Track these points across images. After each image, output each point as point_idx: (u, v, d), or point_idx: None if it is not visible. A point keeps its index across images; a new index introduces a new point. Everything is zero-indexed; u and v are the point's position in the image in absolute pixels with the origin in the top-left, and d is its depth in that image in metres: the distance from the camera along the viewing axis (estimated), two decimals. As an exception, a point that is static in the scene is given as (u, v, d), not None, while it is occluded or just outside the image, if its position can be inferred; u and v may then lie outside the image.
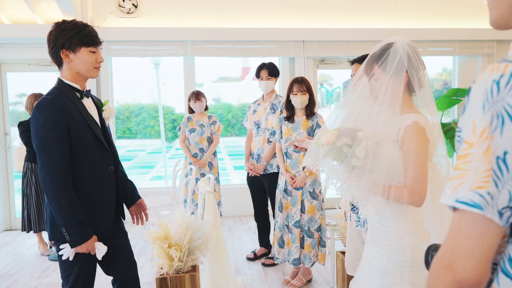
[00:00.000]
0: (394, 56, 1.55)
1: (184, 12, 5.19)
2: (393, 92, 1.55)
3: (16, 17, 4.91)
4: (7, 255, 4.19)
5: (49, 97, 1.86)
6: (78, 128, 1.86)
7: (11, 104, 5.31)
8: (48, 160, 1.81)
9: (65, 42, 1.86)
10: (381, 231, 1.59)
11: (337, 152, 1.53)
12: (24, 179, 4.10)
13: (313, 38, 5.31)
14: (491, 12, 0.79)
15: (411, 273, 1.52)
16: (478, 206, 0.64)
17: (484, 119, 0.66)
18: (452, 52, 5.67)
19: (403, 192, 1.49)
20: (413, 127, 1.50)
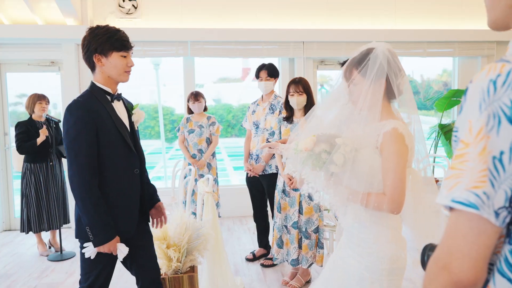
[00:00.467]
0: (374, 62, 1.53)
1: (183, 13, 5.20)
2: (372, 98, 1.53)
3: (16, 17, 4.91)
4: (6, 255, 4.18)
5: (80, 99, 1.94)
6: (106, 130, 1.91)
7: (11, 105, 5.31)
8: (76, 160, 1.86)
9: (97, 47, 1.93)
10: (360, 238, 1.57)
11: (316, 159, 1.51)
12: (23, 179, 4.10)
13: (313, 39, 5.31)
14: (489, 13, 0.79)
15: (390, 282, 1.52)
16: (474, 206, 0.64)
17: (481, 119, 0.66)
18: (452, 53, 5.67)
19: (383, 200, 1.47)
20: (392, 134, 1.48)
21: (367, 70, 1.53)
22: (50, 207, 4.13)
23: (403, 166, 1.47)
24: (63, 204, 4.23)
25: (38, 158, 4.08)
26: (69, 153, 1.88)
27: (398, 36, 5.43)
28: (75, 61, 5.01)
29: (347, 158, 1.49)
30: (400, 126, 1.50)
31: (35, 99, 4.13)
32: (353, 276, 1.55)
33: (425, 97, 8.90)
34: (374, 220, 1.54)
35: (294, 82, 3.25)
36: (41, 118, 4.15)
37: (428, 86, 9.18)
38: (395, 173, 1.46)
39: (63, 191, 4.27)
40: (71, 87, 5.01)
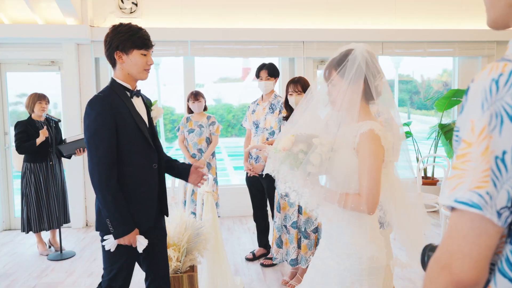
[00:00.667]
0: (352, 63, 1.54)
1: (184, 12, 5.19)
2: (350, 98, 1.55)
3: (16, 17, 4.91)
4: (6, 255, 4.18)
5: (100, 94, 1.98)
6: (126, 125, 1.95)
7: (11, 104, 5.31)
8: (96, 154, 1.90)
9: (119, 44, 1.96)
10: (338, 239, 1.57)
11: (293, 159, 1.51)
12: (23, 179, 4.09)
13: (313, 39, 5.31)
14: (489, 12, 0.79)
15: (370, 281, 1.53)
16: (477, 206, 0.63)
17: (483, 118, 0.66)
18: (452, 53, 5.67)
19: (359, 200, 1.48)
20: (369, 135, 1.49)
21: (345, 71, 1.54)
22: (50, 207, 4.13)
23: (378, 167, 1.48)
24: (63, 204, 4.23)
25: (38, 158, 4.08)
26: (89, 147, 1.93)
27: (398, 36, 5.42)
28: (75, 61, 5.01)
29: (323, 158, 1.50)
30: (377, 127, 1.51)
31: (35, 98, 4.12)
32: (334, 277, 1.56)
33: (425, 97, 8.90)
34: (351, 221, 1.55)
35: (293, 81, 3.26)
36: (40, 117, 4.15)
37: (428, 86, 9.18)
38: (370, 174, 1.47)
39: (63, 191, 4.27)
40: (71, 86, 5.01)
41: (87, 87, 5.11)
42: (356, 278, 1.52)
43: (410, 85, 9.94)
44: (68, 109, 5.03)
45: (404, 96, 9.97)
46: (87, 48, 5.07)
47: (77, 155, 4.06)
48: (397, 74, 7.39)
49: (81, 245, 4.44)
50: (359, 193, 1.49)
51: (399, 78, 7.86)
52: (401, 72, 7.76)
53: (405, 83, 9.71)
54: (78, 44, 5.04)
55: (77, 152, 4.01)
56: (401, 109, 10.12)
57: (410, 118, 10.03)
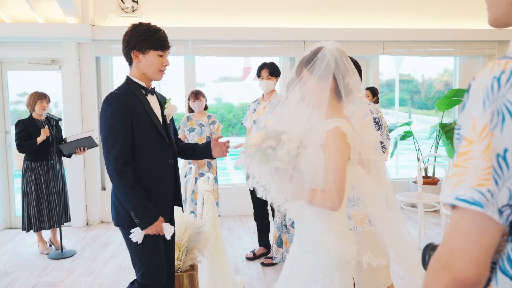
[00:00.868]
0: (322, 61, 1.56)
1: (184, 12, 5.19)
2: (320, 96, 1.57)
3: (17, 16, 4.91)
4: (6, 254, 4.18)
5: (116, 91, 2.01)
6: (141, 122, 1.98)
7: (12, 103, 5.31)
8: (112, 150, 1.93)
9: (137, 43, 1.99)
10: (307, 236, 1.59)
11: (262, 154, 1.54)
12: (24, 178, 4.09)
13: (314, 38, 5.29)
14: (490, 10, 0.78)
15: (339, 275, 1.55)
16: (479, 204, 0.63)
17: (485, 116, 0.65)
18: (453, 53, 5.66)
19: (325, 197, 1.50)
20: (334, 132, 1.50)
21: (314, 68, 1.56)
22: (50, 206, 4.13)
23: (342, 164, 1.50)
24: (63, 203, 4.23)
25: (38, 157, 4.08)
26: (105, 143, 1.95)
27: (399, 35, 5.42)
28: (76, 60, 5.01)
29: (292, 155, 1.51)
30: (343, 125, 1.52)
31: (36, 97, 4.12)
32: (307, 274, 1.58)
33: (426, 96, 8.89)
34: (319, 217, 1.57)
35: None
36: (41, 116, 4.15)
37: (430, 86, 9.17)
38: (335, 171, 1.49)
39: (64, 190, 4.27)
40: (72, 85, 5.01)
41: (88, 86, 5.11)
42: (326, 273, 1.54)
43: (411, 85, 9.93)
44: (69, 108, 5.03)
45: (405, 96, 9.96)
46: (88, 47, 5.07)
47: (77, 154, 4.06)
48: (398, 73, 7.38)
49: (82, 244, 4.45)
50: (324, 190, 1.52)
51: (400, 77, 7.85)
52: (402, 72, 7.74)
53: (406, 82, 9.70)
54: (78, 43, 5.04)
55: (77, 151, 4.01)
56: (402, 108, 10.11)
57: (411, 117, 10.02)
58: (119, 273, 3.64)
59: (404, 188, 5.74)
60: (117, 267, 3.77)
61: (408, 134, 5.69)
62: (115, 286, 3.38)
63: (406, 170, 7.39)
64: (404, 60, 6.89)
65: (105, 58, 5.24)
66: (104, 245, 4.38)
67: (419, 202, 4.19)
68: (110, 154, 1.93)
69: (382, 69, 5.93)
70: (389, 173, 1.79)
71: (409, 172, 7.07)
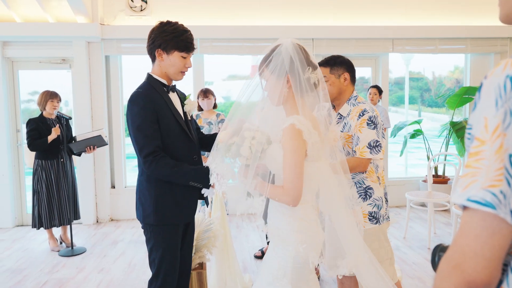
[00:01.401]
0: (276, 59, 1.58)
1: (193, 10, 5.20)
2: (280, 93, 1.58)
3: (27, 15, 4.96)
4: (18, 251, 4.24)
5: (141, 90, 1.99)
6: (166, 119, 1.97)
7: (23, 102, 5.38)
8: (143, 147, 1.92)
9: (162, 42, 1.97)
10: (273, 229, 1.62)
11: (227, 150, 1.56)
12: (34, 176, 4.14)
13: (322, 36, 5.28)
14: (502, 6, 0.77)
15: (293, 270, 1.56)
16: (491, 205, 0.62)
17: (497, 116, 0.64)
18: (464, 50, 5.59)
19: (283, 193, 1.52)
20: (289, 129, 1.51)
21: (271, 66, 1.58)
22: (61, 203, 4.18)
23: (298, 160, 1.51)
24: (73, 200, 4.28)
25: (49, 155, 4.13)
26: (136, 142, 1.93)
27: (408, 33, 5.36)
28: (86, 58, 5.05)
29: (253, 151, 1.53)
30: (299, 122, 1.52)
31: (47, 97, 4.17)
32: (272, 267, 1.59)
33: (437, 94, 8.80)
34: (282, 211, 1.59)
35: None
36: (52, 115, 4.20)
37: (440, 83, 9.07)
38: (290, 168, 1.50)
39: (74, 188, 4.32)
40: (81, 84, 5.05)
41: (98, 85, 5.15)
42: (282, 264, 1.56)
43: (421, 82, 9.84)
44: (79, 106, 5.07)
45: (415, 94, 9.87)
46: (97, 46, 5.11)
47: (87, 153, 4.10)
48: (408, 71, 7.31)
49: (92, 241, 4.49)
50: (283, 186, 1.54)
51: (410, 75, 7.78)
52: (412, 69, 7.68)
53: (416, 80, 9.61)
54: (88, 42, 5.08)
55: (87, 150, 4.05)
56: (412, 106, 10.02)
57: (421, 115, 9.94)
58: (129, 270, 3.67)
59: (414, 187, 5.69)
60: (126, 265, 3.80)
61: (418, 133, 5.64)
62: (124, 283, 3.41)
63: (416, 169, 7.33)
64: (414, 58, 6.83)
65: (114, 56, 5.27)
66: (114, 243, 4.42)
67: (429, 201, 4.15)
68: (142, 152, 1.92)
69: (391, 66, 5.88)
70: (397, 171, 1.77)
71: (419, 170, 7.02)
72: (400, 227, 4.68)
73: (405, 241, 4.29)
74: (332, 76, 2.20)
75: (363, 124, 2.10)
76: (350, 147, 2.17)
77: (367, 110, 2.13)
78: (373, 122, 2.10)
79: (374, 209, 2.17)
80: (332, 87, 2.20)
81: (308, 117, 1.57)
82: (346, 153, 2.19)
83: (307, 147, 1.53)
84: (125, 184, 5.40)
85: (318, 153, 1.58)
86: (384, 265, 2.17)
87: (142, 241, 4.33)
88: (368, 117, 2.10)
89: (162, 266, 2.02)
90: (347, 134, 2.16)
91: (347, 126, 2.17)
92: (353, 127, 2.13)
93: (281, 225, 1.59)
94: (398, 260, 3.70)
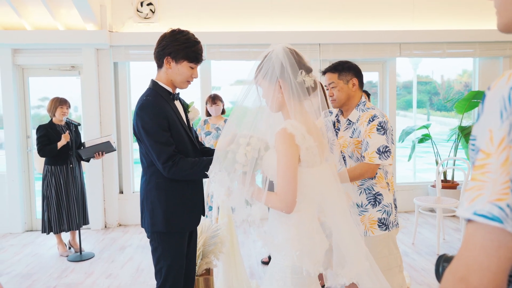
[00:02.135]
0: (267, 65, 1.56)
1: (200, 17, 5.24)
2: (272, 99, 1.56)
3: (38, 23, 5.04)
4: (27, 256, 4.29)
5: (149, 98, 1.97)
6: (174, 126, 1.98)
7: (33, 108, 5.46)
8: (160, 154, 1.91)
9: (173, 51, 1.96)
10: (271, 237, 1.59)
11: (224, 158, 1.55)
12: (44, 181, 4.19)
13: (329, 41, 5.28)
14: (501, 15, 0.76)
15: (293, 280, 1.52)
16: (498, 219, 0.61)
17: (503, 128, 0.64)
18: (472, 54, 5.55)
19: (277, 199, 1.49)
20: (281, 134, 1.49)
21: (263, 72, 1.57)
22: (70, 209, 4.22)
23: (290, 165, 1.48)
24: (82, 206, 4.32)
25: (58, 161, 4.18)
26: (152, 149, 1.92)
27: (416, 37, 5.34)
28: (95, 65, 5.11)
29: (250, 157, 1.51)
30: (291, 126, 1.49)
31: (57, 103, 4.22)
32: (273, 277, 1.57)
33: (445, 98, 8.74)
34: (279, 219, 1.56)
35: None
36: (61, 122, 4.25)
37: (449, 87, 9.00)
38: (283, 173, 1.47)
39: (83, 193, 4.36)
40: (90, 90, 5.11)
41: (106, 91, 5.21)
42: (281, 275, 1.53)
43: (430, 86, 9.77)
44: (88, 112, 5.13)
45: (424, 97, 9.81)
46: (106, 52, 5.17)
47: (96, 159, 4.14)
48: (416, 75, 7.27)
49: (100, 246, 4.52)
50: (276, 192, 1.51)
51: (418, 79, 7.74)
52: (420, 73, 7.64)
53: (424, 84, 9.55)
54: (97, 49, 5.14)
55: (96, 156, 4.09)
56: (420, 110, 9.95)
57: (429, 119, 9.86)
58: (136, 275, 3.69)
59: (423, 192, 5.65)
60: (134, 270, 3.82)
61: (426, 137, 5.60)
62: (132, 287, 3.43)
63: (424, 174, 7.27)
64: (422, 61, 6.80)
65: (122, 63, 5.33)
66: (122, 248, 4.45)
67: (437, 206, 4.11)
68: (160, 158, 1.91)
69: (399, 70, 5.85)
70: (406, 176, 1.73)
71: (427, 175, 6.96)
72: (409, 232, 4.64)
73: (414, 247, 4.25)
74: (340, 82, 2.20)
75: (372, 129, 2.09)
76: (359, 152, 2.16)
77: (377, 115, 2.13)
78: (383, 128, 2.09)
79: (383, 216, 2.16)
80: (340, 93, 2.20)
81: (303, 121, 1.54)
82: (356, 159, 2.18)
83: (300, 152, 1.50)
84: (133, 190, 5.43)
85: (314, 159, 1.55)
86: (393, 272, 2.16)
87: (149, 246, 4.34)
88: (378, 122, 2.10)
89: (170, 274, 2.03)
90: (356, 139, 2.16)
91: (356, 131, 2.17)
92: (363, 133, 2.13)
93: (278, 232, 1.57)
94: (407, 266, 3.67)
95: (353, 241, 1.62)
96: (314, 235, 1.56)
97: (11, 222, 5.10)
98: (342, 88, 2.20)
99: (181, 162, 1.92)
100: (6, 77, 5.03)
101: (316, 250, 1.54)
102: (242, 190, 1.55)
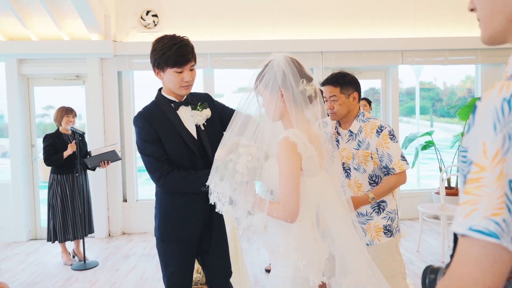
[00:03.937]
0: (269, 74, 1.56)
1: (203, 26, 5.28)
2: (274, 108, 1.56)
3: (43, 33, 5.10)
4: (32, 264, 4.30)
5: (142, 110, 2.00)
6: (169, 138, 1.94)
7: (38, 116, 5.50)
8: (149, 166, 1.94)
9: (154, 61, 1.94)
10: (269, 247, 1.58)
11: (224, 168, 1.54)
12: (50, 190, 4.22)
13: (331, 49, 5.30)
14: (485, 27, 0.75)
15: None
16: (495, 235, 0.60)
17: (496, 141, 0.62)
18: (474, 61, 5.55)
19: (274, 207, 1.49)
20: (283, 143, 1.48)
21: (264, 81, 1.57)
22: (75, 217, 4.24)
23: (293, 174, 1.47)
24: (87, 214, 4.33)
25: (64, 170, 4.20)
26: (142, 160, 1.97)
27: (418, 45, 5.36)
28: (99, 75, 5.16)
29: (250, 167, 1.50)
30: (293, 135, 1.49)
31: (63, 112, 4.26)
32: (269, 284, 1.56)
33: (448, 104, 8.72)
34: (278, 229, 1.55)
35: None
36: (68, 131, 4.28)
37: (452, 93, 8.99)
38: (286, 182, 1.47)
39: (88, 202, 4.37)
40: (94, 99, 5.15)
41: (110, 100, 5.25)
42: (282, 286, 1.51)
43: (433, 93, 9.75)
44: (92, 121, 5.17)
45: (426, 104, 9.78)
46: (110, 62, 5.22)
47: (101, 167, 4.17)
48: (418, 81, 7.27)
49: (104, 255, 4.53)
50: (279, 202, 1.49)
51: (421, 85, 7.73)
52: (423, 79, 7.62)
53: (427, 90, 9.53)
54: (101, 59, 5.19)
55: (101, 165, 4.11)
56: (423, 117, 9.92)
57: (433, 126, 9.82)
58: (140, 284, 3.69)
59: (427, 199, 5.62)
60: (138, 278, 3.82)
61: (429, 144, 5.59)
62: (136, 297, 3.42)
63: (428, 181, 7.23)
64: (425, 68, 6.80)
65: (126, 72, 5.37)
66: (126, 256, 4.45)
67: (442, 214, 4.09)
68: (148, 170, 1.95)
69: (401, 76, 5.86)
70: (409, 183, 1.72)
71: (431, 182, 6.92)
72: (413, 240, 4.61)
73: (418, 254, 4.23)
74: (342, 96, 2.21)
75: (386, 140, 2.11)
76: (367, 165, 2.15)
77: (384, 125, 2.15)
78: (393, 136, 2.14)
79: (388, 222, 2.17)
80: (342, 107, 2.21)
81: (304, 130, 1.54)
82: (363, 171, 2.17)
83: (302, 161, 1.50)
84: (137, 198, 5.44)
85: (315, 168, 1.54)
86: (397, 279, 2.15)
87: (153, 254, 4.34)
88: (388, 131, 2.13)
89: (171, 282, 2.03)
90: (365, 151, 2.15)
91: (364, 143, 2.16)
92: (374, 145, 2.13)
93: (276, 244, 1.55)
94: (411, 274, 3.64)
95: (356, 250, 1.61)
96: (314, 244, 1.56)
97: (15, 231, 5.12)
98: (343, 102, 2.21)
99: (170, 174, 1.90)
100: (11, 87, 5.08)
101: (318, 259, 1.54)
102: (244, 200, 1.54)
